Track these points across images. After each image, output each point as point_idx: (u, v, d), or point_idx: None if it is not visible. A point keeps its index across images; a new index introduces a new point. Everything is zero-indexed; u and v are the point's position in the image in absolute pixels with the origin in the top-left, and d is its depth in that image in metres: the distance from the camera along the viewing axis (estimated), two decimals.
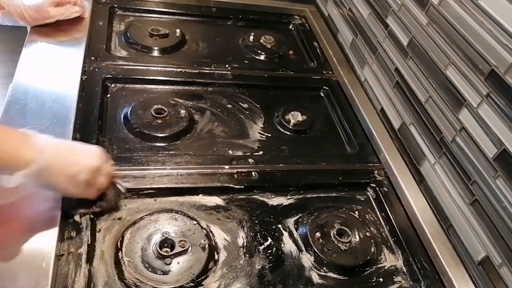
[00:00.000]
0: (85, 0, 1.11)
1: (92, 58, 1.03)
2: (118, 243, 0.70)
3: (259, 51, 1.23)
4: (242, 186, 0.85)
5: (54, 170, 0.63)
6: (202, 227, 0.75)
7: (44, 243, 0.65)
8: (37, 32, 1.01)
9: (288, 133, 1.02)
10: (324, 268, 0.76)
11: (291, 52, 1.28)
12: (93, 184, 0.68)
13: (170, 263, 0.69)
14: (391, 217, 0.88)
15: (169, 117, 0.94)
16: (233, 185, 0.85)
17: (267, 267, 0.74)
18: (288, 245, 0.79)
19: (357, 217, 0.86)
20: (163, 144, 0.90)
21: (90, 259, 0.67)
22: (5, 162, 0.59)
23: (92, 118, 0.89)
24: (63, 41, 1.03)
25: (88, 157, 0.67)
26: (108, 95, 0.98)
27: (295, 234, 0.81)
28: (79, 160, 0.66)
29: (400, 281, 0.78)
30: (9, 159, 0.59)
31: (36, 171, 0.60)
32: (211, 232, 0.77)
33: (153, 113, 0.93)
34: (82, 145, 0.71)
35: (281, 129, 1.02)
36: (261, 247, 0.77)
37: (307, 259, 0.77)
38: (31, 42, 0.99)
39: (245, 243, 0.77)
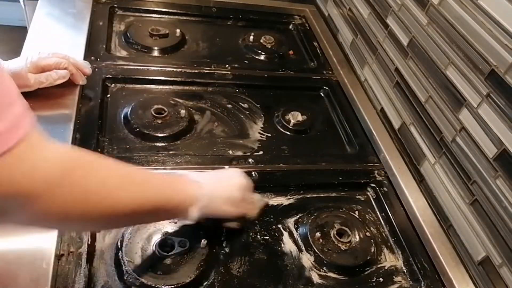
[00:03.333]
0: (83, 61, 0.95)
1: (92, 58, 1.03)
2: (118, 243, 0.70)
3: (259, 51, 1.23)
4: None
5: (214, 198, 0.67)
6: (202, 227, 0.75)
7: (44, 243, 0.65)
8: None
9: (288, 133, 1.02)
10: (324, 268, 0.76)
11: (291, 52, 1.28)
12: (247, 199, 0.74)
13: (170, 263, 0.69)
14: (391, 217, 0.88)
15: (169, 117, 0.94)
16: None
17: (267, 267, 0.74)
18: (288, 245, 0.79)
19: (357, 217, 0.86)
20: (163, 144, 0.90)
21: (90, 259, 0.67)
22: (181, 203, 0.63)
23: (92, 118, 0.89)
24: (63, 41, 1.03)
25: (234, 177, 0.73)
26: (108, 95, 0.98)
27: (295, 234, 0.81)
28: (228, 181, 0.72)
29: (400, 281, 0.78)
30: (183, 199, 0.63)
31: (204, 204, 0.65)
32: (211, 232, 0.76)
33: (153, 113, 0.93)
34: (225, 170, 0.78)
35: (281, 129, 1.02)
36: (261, 247, 0.77)
37: (307, 259, 0.77)
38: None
39: (245, 243, 0.77)
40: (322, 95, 1.17)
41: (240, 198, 0.71)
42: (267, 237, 0.79)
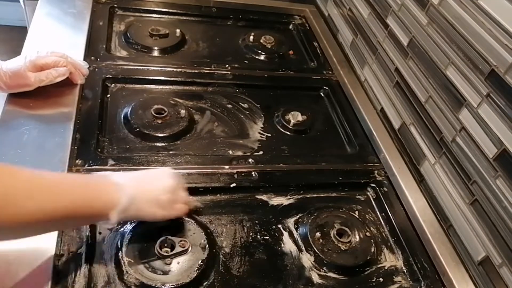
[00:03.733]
0: (81, 60, 0.94)
1: (92, 58, 1.03)
2: (118, 243, 0.70)
3: (259, 51, 1.23)
4: (242, 186, 0.85)
5: (139, 200, 0.64)
6: (202, 227, 0.75)
7: (44, 243, 0.65)
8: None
9: (288, 133, 1.02)
10: (324, 268, 0.76)
11: (291, 52, 1.28)
12: (177, 201, 0.70)
13: (170, 263, 0.69)
14: (391, 217, 0.88)
15: (169, 117, 0.94)
16: (233, 185, 0.85)
17: (267, 267, 0.74)
18: (288, 245, 0.79)
19: (357, 217, 0.86)
20: (163, 144, 0.90)
21: (90, 259, 0.67)
22: (99, 207, 0.60)
23: (92, 118, 0.89)
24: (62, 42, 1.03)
25: (162, 178, 0.69)
26: (108, 95, 0.98)
27: (295, 234, 0.81)
28: (156, 182, 0.68)
29: (400, 281, 0.78)
30: (101, 204, 0.60)
31: (125, 207, 0.62)
32: (211, 232, 0.77)
33: (153, 113, 0.93)
34: (153, 170, 0.74)
35: (281, 129, 1.02)
36: (261, 247, 0.77)
37: (307, 259, 0.77)
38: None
39: (245, 243, 0.77)
40: (322, 95, 1.17)
41: (168, 200, 0.68)
42: (267, 237, 0.79)
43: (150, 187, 0.67)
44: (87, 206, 0.59)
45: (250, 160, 0.91)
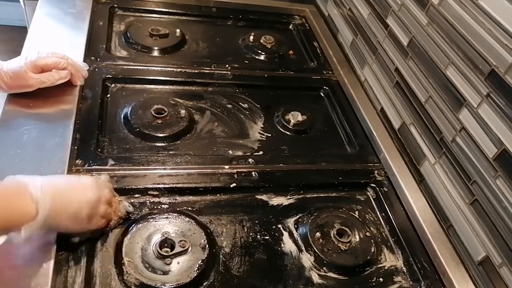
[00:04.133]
0: (81, 62, 0.94)
1: (92, 58, 1.03)
2: (118, 243, 0.70)
3: (259, 51, 1.23)
4: (242, 186, 0.85)
5: (55, 215, 0.61)
6: (202, 227, 0.75)
7: (44, 243, 0.65)
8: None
9: (288, 133, 1.02)
10: (324, 268, 0.76)
11: (291, 52, 1.28)
12: (96, 215, 0.67)
13: (170, 263, 0.69)
14: (391, 217, 0.88)
15: (169, 117, 0.94)
16: (233, 185, 0.85)
17: (267, 267, 0.74)
18: (288, 245, 0.79)
19: (357, 217, 0.86)
20: (163, 144, 0.90)
21: (90, 259, 0.67)
22: (9, 222, 0.58)
23: (92, 118, 0.89)
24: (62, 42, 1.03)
25: (84, 192, 0.66)
26: (108, 95, 0.98)
27: (295, 234, 0.81)
28: (76, 197, 0.64)
29: (400, 281, 0.78)
30: (12, 219, 0.58)
31: (40, 222, 0.59)
32: (211, 232, 0.77)
33: (153, 113, 0.93)
34: (77, 180, 0.69)
35: (281, 129, 1.02)
36: (261, 247, 0.77)
37: (307, 259, 0.77)
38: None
39: (245, 243, 0.77)
40: (322, 95, 1.17)
41: (85, 216, 0.64)
42: (267, 237, 0.79)
43: (68, 202, 0.63)
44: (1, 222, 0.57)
45: (250, 160, 0.91)
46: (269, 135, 1.00)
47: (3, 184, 0.60)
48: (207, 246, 0.72)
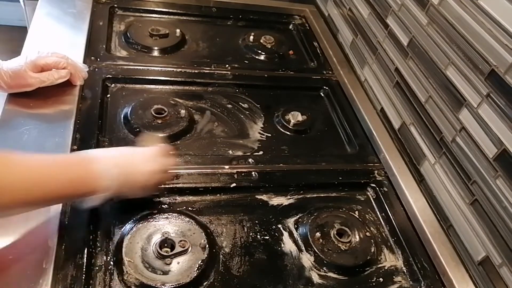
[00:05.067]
0: (81, 63, 0.94)
1: (92, 58, 1.03)
2: (118, 243, 0.70)
3: (259, 51, 1.23)
4: (242, 186, 0.85)
5: (123, 187, 0.67)
6: (202, 227, 0.75)
7: (44, 242, 0.65)
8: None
9: (288, 133, 1.02)
10: (324, 268, 0.76)
11: (291, 52, 1.28)
12: (162, 181, 0.75)
13: (170, 263, 0.69)
14: (391, 217, 0.88)
15: (169, 117, 0.94)
16: (233, 185, 0.85)
17: (267, 267, 0.74)
18: (288, 245, 0.79)
19: (357, 217, 0.86)
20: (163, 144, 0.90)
21: (90, 259, 0.67)
22: (75, 194, 0.65)
23: (92, 118, 0.89)
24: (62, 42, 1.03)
25: (148, 163, 0.71)
26: (108, 95, 0.98)
27: (295, 234, 0.81)
28: (143, 169, 0.69)
29: (400, 281, 0.78)
30: (79, 191, 0.64)
31: (108, 195, 0.66)
32: (211, 232, 0.77)
33: (153, 113, 0.93)
34: (140, 151, 0.73)
35: (281, 129, 1.02)
36: (261, 247, 0.77)
37: (307, 259, 0.77)
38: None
39: (245, 243, 0.77)
40: (322, 95, 1.17)
41: (155, 183, 0.72)
42: (267, 237, 0.79)
43: (136, 174, 0.69)
44: (72, 192, 0.64)
45: (250, 160, 0.91)
46: (269, 135, 1.00)
47: (69, 157, 0.68)
48: (207, 246, 0.72)
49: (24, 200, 0.59)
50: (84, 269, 0.65)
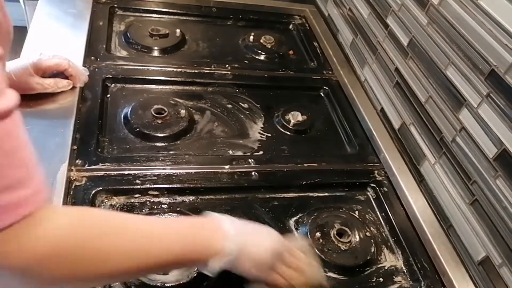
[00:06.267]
0: (82, 67, 0.94)
1: (92, 58, 1.03)
2: None
3: (259, 51, 1.23)
4: (242, 186, 0.85)
5: (242, 255, 0.60)
6: None
7: None
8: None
9: (288, 133, 1.02)
10: (324, 268, 0.76)
11: (291, 52, 1.28)
12: (277, 268, 0.63)
13: None
14: (391, 217, 0.88)
15: (169, 117, 0.94)
16: (233, 185, 0.85)
17: None
18: None
19: (357, 217, 0.86)
20: (163, 144, 0.90)
21: None
22: (198, 253, 0.58)
23: (92, 118, 0.89)
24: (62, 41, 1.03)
25: (269, 238, 0.65)
26: (108, 95, 0.98)
27: (295, 234, 0.81)
28: (262, 242, 0.63)
29: (400, 281, 0.78)
30: (204, 253, 0.58)
31: (228, 260, 0.59)
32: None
33: (153, 113, 0.93)
34: (265, 229, 0.68)
35: (281, 129, 1.02)
36: None
37: None
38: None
39: None
40: (322, 95, 1.17)
41: (269, 264, 0.62)
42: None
43: (257, 243, 0.62)
44: (191, 255, 0.58)
45: (250, 160, 0.91)
46: (269, 135, 1.00)
47: (200, 219, 0.62)
48: None
49: (128, 269, 0.52)
50: None
